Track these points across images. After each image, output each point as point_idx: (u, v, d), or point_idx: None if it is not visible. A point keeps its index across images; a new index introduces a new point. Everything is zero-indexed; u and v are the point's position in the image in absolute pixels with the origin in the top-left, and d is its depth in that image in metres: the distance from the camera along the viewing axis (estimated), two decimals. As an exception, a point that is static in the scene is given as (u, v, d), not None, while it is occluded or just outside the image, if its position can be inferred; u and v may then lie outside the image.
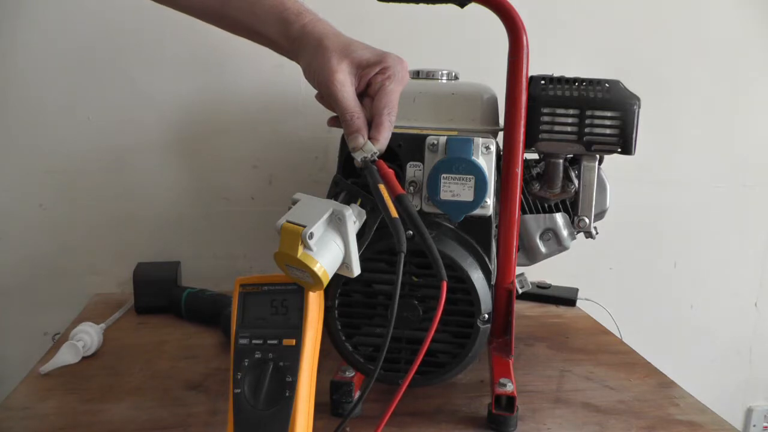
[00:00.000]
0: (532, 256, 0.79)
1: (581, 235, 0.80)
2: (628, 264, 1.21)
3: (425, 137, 0.64)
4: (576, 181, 0.75)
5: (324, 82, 0.53)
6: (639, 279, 1.22)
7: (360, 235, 0.52)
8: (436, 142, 0.63)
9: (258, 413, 0.50)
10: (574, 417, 0.68)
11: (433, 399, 0.70)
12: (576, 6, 1.11)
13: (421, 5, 0.70)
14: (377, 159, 0.53)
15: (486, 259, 0.66)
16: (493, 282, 0.68)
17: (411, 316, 0.63)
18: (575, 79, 0.72)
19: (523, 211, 0.78)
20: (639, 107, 0.70)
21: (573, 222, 0.78)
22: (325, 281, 0.49)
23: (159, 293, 0.94)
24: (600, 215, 0.79)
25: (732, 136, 1.21)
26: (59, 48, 0.98)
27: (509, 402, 0.65)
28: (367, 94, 0.55)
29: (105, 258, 1.05)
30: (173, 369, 0.76)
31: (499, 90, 0.70)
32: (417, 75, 0.75)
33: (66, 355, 0.75)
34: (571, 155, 0.75)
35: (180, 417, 0.65)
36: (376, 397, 0.66)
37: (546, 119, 0.71)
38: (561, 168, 0.75)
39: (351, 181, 0.56)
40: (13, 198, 1.01)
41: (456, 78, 0.77)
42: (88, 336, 0.79)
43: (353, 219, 0.50)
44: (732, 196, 1.23)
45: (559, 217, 0.78)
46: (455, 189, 0.62)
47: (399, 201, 0.50)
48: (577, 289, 1.06)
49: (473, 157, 0.62)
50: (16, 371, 0.79)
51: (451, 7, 0.68)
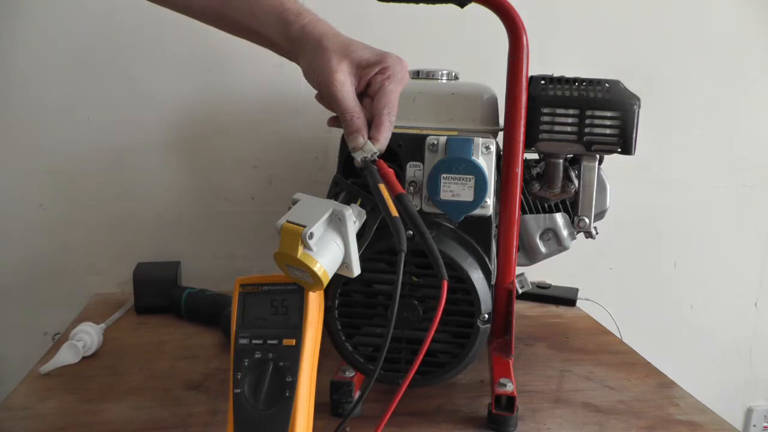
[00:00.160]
0: (532, 256, 0.79)
1: (581, 235, 0.80)
2: (628, 264, 1.21)
3: (425, 137, 0.64)
4: (576, 181, 0.75)
5: (324, 82, 0.53)
6: (639, 279, 1.21)
7: (360, 235, 0.52)
8: (436, 142, 0.63)
9: (258, 413, 0.50)
10: (574, 417, 0.68)
11: (433, 399, 0.70)
12: (576, 6, 1.11)
13: (421, 5, 0.70)
14: (377, 159, 0.53)
15: (486, 259, 0.66)
16: (493, 282, 0.68)
17: (411, 316, 0.63)
18: (575, 79, 0.72)
19: (523, 211, 0.78)
20: (639, 107, 0.70)
21: (573, 222, 0.78)
22: (325, 281, 0.49)
23: (159, 293, 0.94)
24: (600, 215, 0.79)
25: (732, 136, 1.20)
26: (59, 48, 0.98)
27: (509, 402, 0.65)
28: (367, 94, 0.55)
29: (105, 258, 1.05)
30: (173, 369, 0.76)
31: (499, 90, 0.70)
32: (417, 75, 0.75)
33: (66, 355, 0.75)
34: (571, 155, 0.75)
35: (180, 417, 0.65)
36: (376, 397, 0.66)
37: (546, 119, 0.71)
38: (561, 168, 0.75)
39: (351, 181, 0.56)
40: (13, 198, 1.01)
41: (456, 78, 0.77)
42: (88, 336, 0.79)
43: (353, 219, 0.50)
44: (732, 196, 1.23)
45: (559, 217, 0.78)
46: (455, 189, 0.62)
47: (399, 200, 0.50)
48: (577, 289, 1.06)
49: (473, 157, 0.62)
50: (16, 371, 0.79)
51: (451, 7, 0.68)
